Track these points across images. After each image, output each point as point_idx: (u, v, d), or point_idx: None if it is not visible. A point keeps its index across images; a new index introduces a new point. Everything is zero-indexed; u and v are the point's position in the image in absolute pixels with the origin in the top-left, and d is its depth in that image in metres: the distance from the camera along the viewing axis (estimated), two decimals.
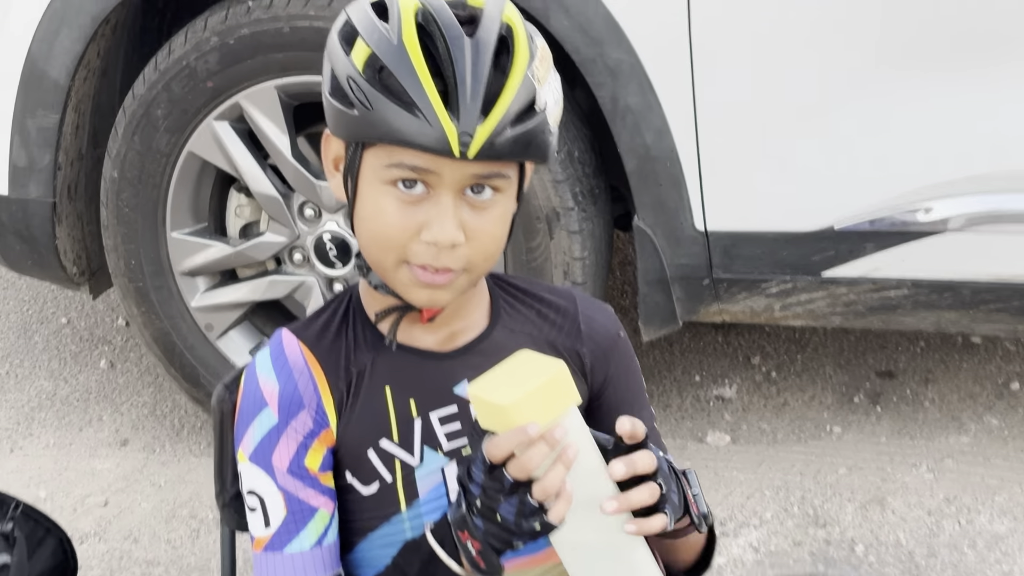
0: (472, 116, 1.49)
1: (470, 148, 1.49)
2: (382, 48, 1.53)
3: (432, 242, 1.55)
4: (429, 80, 1.51)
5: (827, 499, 3.21)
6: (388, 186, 1.56)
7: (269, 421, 1.66)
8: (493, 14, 1.56)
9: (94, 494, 3.41)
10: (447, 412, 1.70)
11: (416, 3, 1.55)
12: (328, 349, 1.69)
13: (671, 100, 2.90)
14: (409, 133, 1.50)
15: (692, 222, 2.98)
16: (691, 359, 3.84)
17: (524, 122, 1.52)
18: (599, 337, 1.79)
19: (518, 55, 1.54)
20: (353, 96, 1.53)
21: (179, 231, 3.29)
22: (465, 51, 1.52)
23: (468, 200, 1.56)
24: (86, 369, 3.98)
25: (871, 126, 2.86)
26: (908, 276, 2.96)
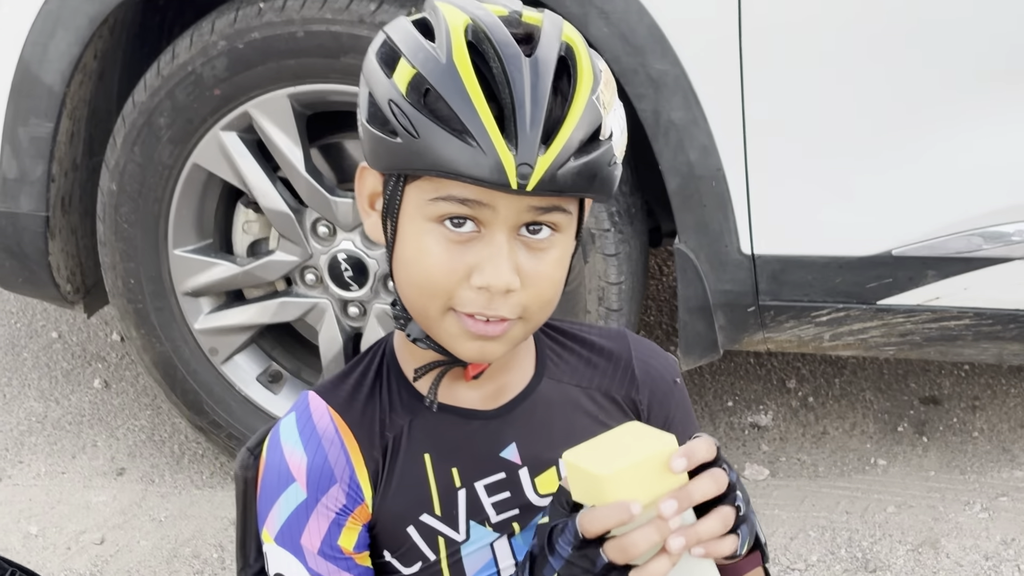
0: (532, 144, 1.31)
1: (530, 180, 1.31)
2: (428, 68, 1.34)
3: (484, 287, 1.35)
4: (483, 103, 1.32)
5: (876, 540, 3.00)
6: (434, 224, 1.36)
7: (297, 497, 1.47)
8: (552, 32, 1.38)
9: (89, 530, 3.18)
10: (494, 480, 1.52)
11: (466, 18, 1.37)
12: (360, 414, 1.50)
13: (718, 115, 2.69)
14: (460, 163, 1.31)
15: (738, 245, 2.77)
16: (722, 382, 3.63)
17: (589, 152, 1.34)
18: (655, 384, 1.61)
19: (582, 78, 1.36)
20: (396, 122, 1.34)
21: (182, 248, 3.07)
22: (523, 71, 1.33)
23: (524, 240, 1.37)
24: (79, 389, 3.76)
25: (935, 146, 2.65)
26: (971, 306, 2.76)
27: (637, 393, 1.59)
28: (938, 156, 2.65)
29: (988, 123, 2.62)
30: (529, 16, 1.39)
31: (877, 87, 2.64)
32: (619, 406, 1.58)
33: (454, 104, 1.32)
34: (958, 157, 2.65)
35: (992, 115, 2.62)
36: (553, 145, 1.32)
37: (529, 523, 1.53)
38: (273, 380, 3.20)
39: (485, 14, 1.37)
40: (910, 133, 2.65)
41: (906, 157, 2.66)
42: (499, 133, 1.31)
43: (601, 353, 1.60)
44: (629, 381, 1.59)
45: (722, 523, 1.29)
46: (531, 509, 1.52)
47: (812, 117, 2.70)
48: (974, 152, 2.64)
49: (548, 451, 1.52)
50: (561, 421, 1.54)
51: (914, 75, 2.62)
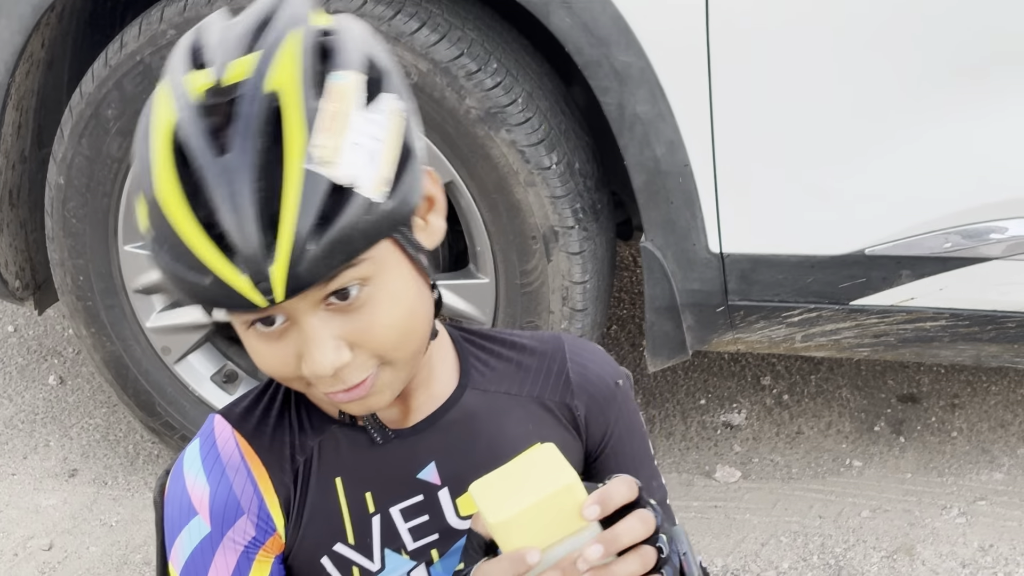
0: (254, 259, 1.15)
1: (275, 293, 1.16)
2: (149, 203, 1.20)
3: (313, 376, 1.23)
4: (197, 234, 1.16)
5: (850, 547, 2.91)
6: (248, 327, 1.24)
7: (200, 531, 1.38)
8: (251, 94, 1.18)
9: (38, 535, 3.09)
10: (411, 503, 1.42)
11: (171, 116, 1.19)
12: (270, 439, 1.40)
13: (685, 109, 2.58)
14: (211, 297, 1.19)
15: (706, 244, 2.67)
16: (695, 380, 3.53)
17: (332, 222, 1.17)
18: (594, 388, 1.50)
19: (288, 142, 1.16)
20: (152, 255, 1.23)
21: (133, 244, 2.96)
22: (220, 178, 1.16)
23: (335, 308, 1.22)
24: (33, 386, 3.66)
25: (909, 143, 2.55)
26: (947, 306, 2.66)
27: (572, 399, 1.48)
28: (912, 152, 2.55)
29: (964, 119, 2.53)
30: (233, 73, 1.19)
31: (849, 82, 2.54)
32: (553, 414, 1.48)
33: (173, 240, 1.17)
34: (933, 154, 2.55)
35: (968, 111, 2.52)
36: (278, 247, 1.15)
37: (449, 550, 1.44)
38: (228, 380, 3.10)
39: (184, 104, 1.19)
40: (883, 129, 2.55)
41: (880, 153, 2.57)
42: (222, 260, 1.16)
43: (532, 356, 1.49)
44: (564, 387, 1.48)
45: (641, 564, 1.20)
46: (452, 534, 1.43)
47: (783, 112, 2.59)
48: (950, 149, 2.55)
49: (471, 469, 1.38)
50: (487, 434, 1.44)
51: (887, 71, 2.52)
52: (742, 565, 2.87)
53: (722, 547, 2.92)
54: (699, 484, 3.14)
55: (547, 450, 1.25)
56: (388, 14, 2.62)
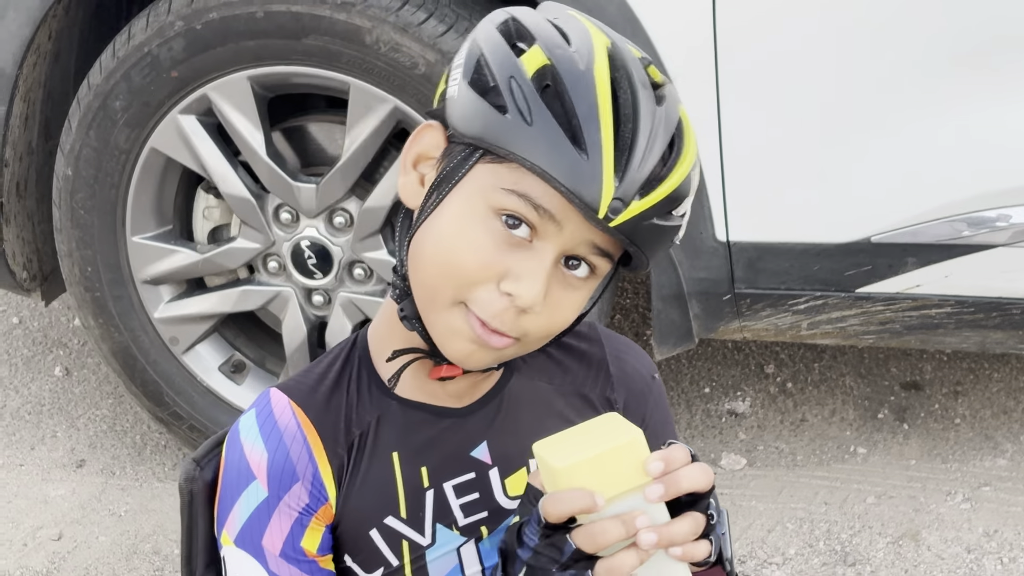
0: (635, 183, 1.27)
1: (617, 216, 1.26)
2: (565, 67, 1.28)
3: (513, 295, 1.28)
4: (610, 122, 1.26)
5: (856, 533, 2.93)
6: (491, 214, 1.29)
7: (258, 496, 1.40)
8: (674, 96, 1.35)
9: (47, 526, 3.09)
10: (463, 480, 1.46)
11: (608, 40, 1.31)
12: (325, 409, 1.43)
13: (692, 99, 2.54)
14: (562, 169, 1.25)
15: (713, 232, 2.68)
16: (699, 368, 3.55)
17: (667, 219, 1.30)
18: (632, 381, 1.57)
19: (687, 151, 1.32)
20: (512, 100, 1.27)
21: (140, 235, 2.97)
22: (651, 115, 1.28)
23: (562, 269, 1.31)
24: (39, 377, 3.66)
25: (915, 131, 2.56)
26: (952, 293, 2.68)
27: (612, 392, 1.54)
28: (918, 140, 2.56)
29: (969, 107, 2.54)
30: (654, 71, 1.35)
31: (856, 70, 2.55)
32: (592, 406, 1.53)
33: (581, 111, 1.26)
34: (939, 141, 2.56)
35: (973, 99, 2.53)
36: (651, 196, 1.27)
37: (497, 527, 1.47)
38: (236, 370, 3.11)
39: (625, 47, 1.33)
40: (889, 117, 2.56)
41: (885, 141, 2.58)
42: (612, 157, 1.25)
43: (573, 352, 1.55)
44: (604, 380, 1.55)
45: (694, 527, 1.25)
46: (500, 513, 1.47)
47: (789, 101, 2.61)
48: (955, 136, 2.56)
49: (518, 451, 1.47)
50: (531, 420, 1.49)
51: (892, 59, 2.53)
52: (749, 551, 2.89)
53: None
54: None
55: (611, 416, 1.31)
56: (396, 5, 2.63)
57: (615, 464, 1.23)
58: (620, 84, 1.28)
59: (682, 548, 1.24)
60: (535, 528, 1.26)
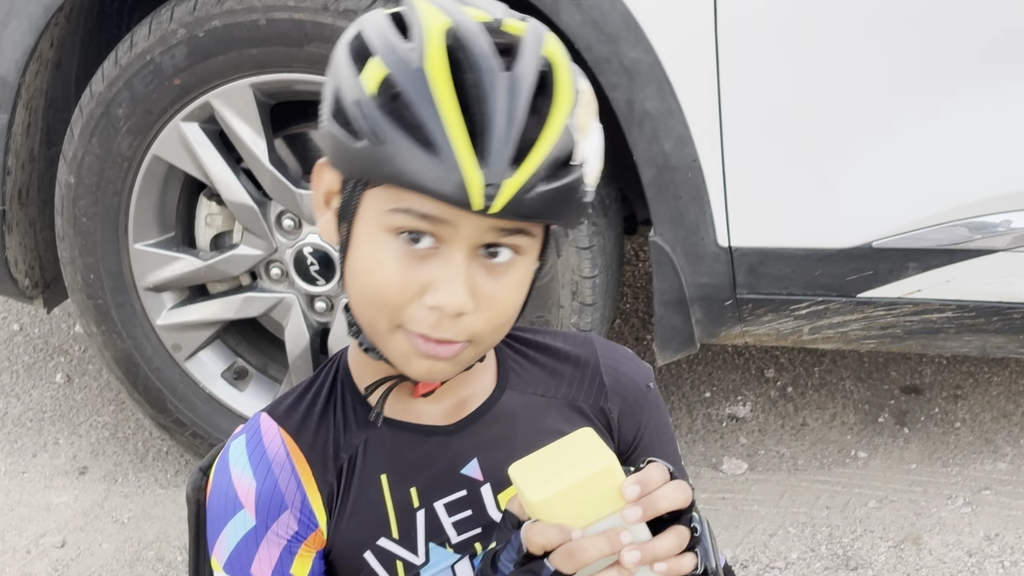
0: (501, 165, 1.23)
1: (495, 202, 1.23)
2: (400, 71, 1.25)
3: (436, 307, 1.28)
4: (455, 115, 1.23)
5: (857, 537, 2.93)
6: (390, 235, 1.28)
7: (245, 525, 1.40)
8: (533, 46, 1.29)
9: (50, 533, 3.10)
10: (455, 498, 1.45)
11: (446, 21, 1.27)
12: (313, 436, 1.43)
13: (694, 105, 2.60)
14: (424, 177, 1.23)
15: (715, 238, 2.69)
16: (700, 372, 3.55)
17: (559, 178, 1.26)
18: (626, 391, 1.55)
19: (559, 98, 1.27)
20: (360, 124, 1.26)
21: (143, 242, 2.98)
22: (499, 87, 1.24)
23: (482, 261, 1.29)
24: (40, 384, 3.67)
25: (915, 136, 2.57)
26: (953, 298, 2.68)
27: (606, 402, 1.53)
28: (919, 146, 2.57)
29: (969, 113, 2.54)
30: (511, 25, 1.30)
31: (857, 76, 2.56)
32: (587, 417, 1.52)
33: (422, 113, 1.24)
34: (940, 147, 2.57)
35: (973, 104, 2.54)
36: (523, 168, 1.24)
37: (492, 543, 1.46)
38: (238, 377, 3.12)
39: (466, 19, 1.28)
40: (890, 122, 2.57)
41: (886, 147, 2.58)
42: (468, 149, 1.23)
43: (567, 361, 1.54)
44: (597, 389, 1.53)
45: (677, 541, 1.25)
46: (494, 528, 1.45)
47: (790, 106, 2.61)
48: (956, 142, 2.56)
49: None
50: (525, 433, 1.47)
51: (894, 64, 2.54)
52: (751, 556, 2.90)
53: (731, 538, 2.94)
54: (706, 476, 3.16)
55: (585, 434, 1.28)
56: None
57: (592, 491, 1.23)
58: (462, 65, 1.25)
59: (667, 564, 1.24)
60: (512, 555, 1.26)
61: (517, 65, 1.26)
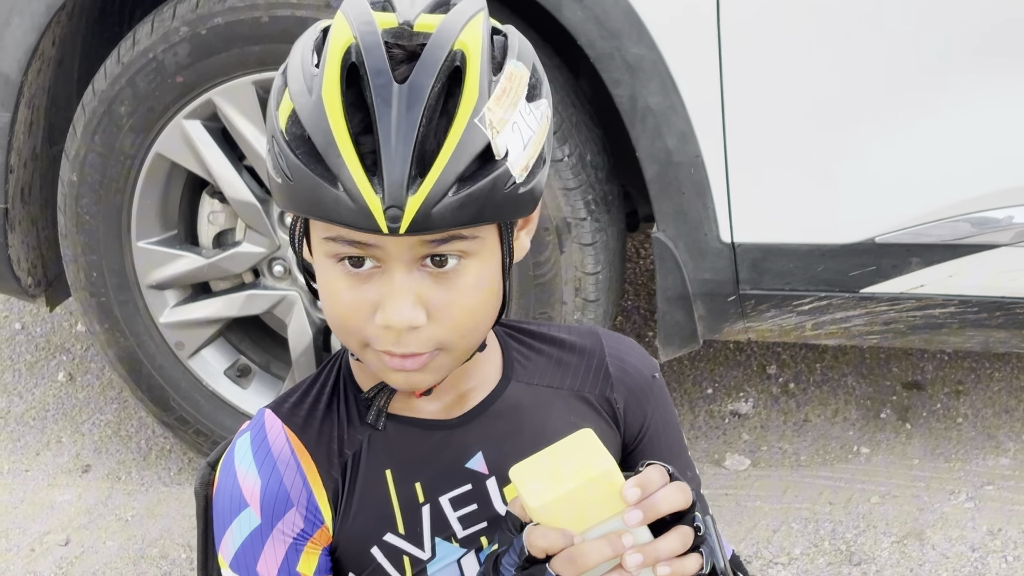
0: (398, 185, 1.21)
1: (400, 223, 1.22)
2: (301, 103, 1.25)
3: (386, 326, 1.28)
4: (347, 143, 1.22)
5: (860, 532, 2.94)
6: (332, 262, 1.28)
7: (251, 523, 1.40)
8: (439, 44, 1.25)
9: (54, 531, 3.10)
10: (460, 492, 1.45)
11: (348, 38, 1.24)
12: (317, 433, 1.43)
13: (696, 101, 2.61)
14: (333, 210, 1.23)
15: (717, 234, 2.69)
16: (702, 369, 3.56)
17: (475, 180, 1.23)
18: (632, 381, 1.54)
19: (465, 97, 1.24)
20: (277, 162, 1.26)
21: (146, 240, 2.98)
22: (393, 102, 1.22)
23: (429, 271, 1.28)
24: (43, 382, 3.67)
25: (919, 131, 2.58)
26: (956, 293, 2.69)
27: (612, 392, 1.52)
28: (922, 141, 2.58)
29: (973, 107, 2.55)
30: (423, 23, 1.27)
31: (860, 71, 2.57)
32: (593, 407, 1.52)
33: (321, 145, 1.23)
34: (943, 142, 2.57)
35: (977, 99, 2.54)
36: (425, 182, 1.21)
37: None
38: (241, 374, 3.12)
39: (369, 31, 1.24)
40: (893, 118, 2.58)
41: (889, 142, 2.59)
42: (363, 175, 1.21)
43: (572, 352, 1.53)
44: (603, 380, 1.52)
45: (681, 542, 1.24)
46: (500, 522, 1.44)
47: (793, 102, 2.62)
48: (959, 137, 2.57)
49: (517, 458, 1.43)
50: (531, 426, 1.47)
51: (896, 59, 2.55)
52: (754, 552, 2.90)
53: (734, 534, 2.94)
54: (709, 472, 3.17)
55: (585, 436, 1.27)
56: None
57: (591, 494, 1.22)
58: (363, 83, 1.23)
59: (670, 566, 1.23)
60: (513, 559, 1.26)
61: (413, 73, 1.23)
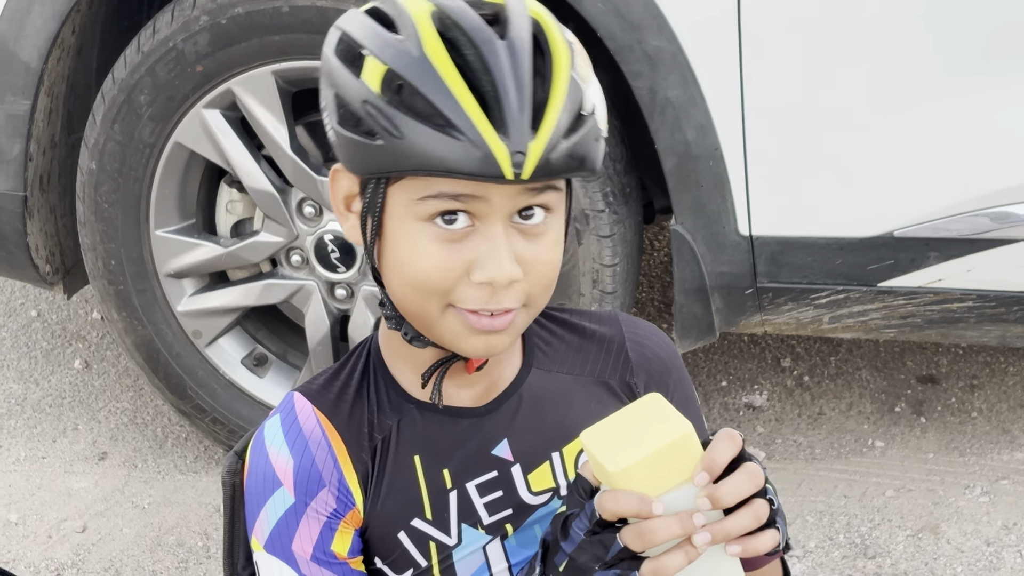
0: (522, 131, 1.25)
1: (524, 168, 1.25)
2: (401, 63, 1.27)
3: (487, 282, 1.29)
4: (467, 94, 1.26)
5: (875, 526, 2.94)
6: (425, 223, 1.30)
7: (285, 502, 1.41)
8: (519, 10, 1.32)
9: (71, 518, 3.11)
10: (486, 479, 1.46)
11: (429, 6, 1.29)
12: (348, 416, 1.44)
13: (716, 93, 2.61)
14: (451, 159, 1.25)
15: (735, 226, 2.69)
16: (716, 361, 3.56)
17: (577, 131, 1.29)
18: (651, 365, 1.55)
19: (558, 55, 1.30)
20: (374, 123, 1.26)
21: (164, 229, 2.99)
22: (500, 56, 1.27)
23: (518, 227, 1.31)
24: (59, 370, 3.68)
25: (939, 125, 2.57)
26: (974, 287, 2.69)
27: (632, 376, 1.53)
28: (941, 135, 2.58)
29: (992, 101, 2.55)
30: None
31: (881, 65, 2.57)
32: (613, 393, 1.53)
33: (435, 98, 1.25)
34: (962, 136, 2.57)
35: (996, 93, 2.54)
36: (543, 129, 1.26)
37: (522, 524, 1.47)
38: (258, 363, 3.13)
39: (446, 0, 1.30)
40: (913, 112, 2.58)
41: (909, 136, 2.59)
42: (488, 123, 1.25)
43: (592, 338, 1.54)
44: (623, 365, 1.54)
45: (754, 518, 1.22)
46: (525, 509, 1.47)
47: (813, 95, 2.62)
48: (978, 130, 2.57)
49: (540, 446, 1.47)
50: (553, 413, 1.49)
51: (918, 53, 2.54)
52: None
53: None
54: None
55: (656, 400, 1.28)
56: None
57: (668, 461, 1.22)
58: (458, 43, 1.27)
59: (740, 544, 1.21)
60: (584, 523, 1.25)
61: (510, 31, 1.28)
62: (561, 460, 1.48)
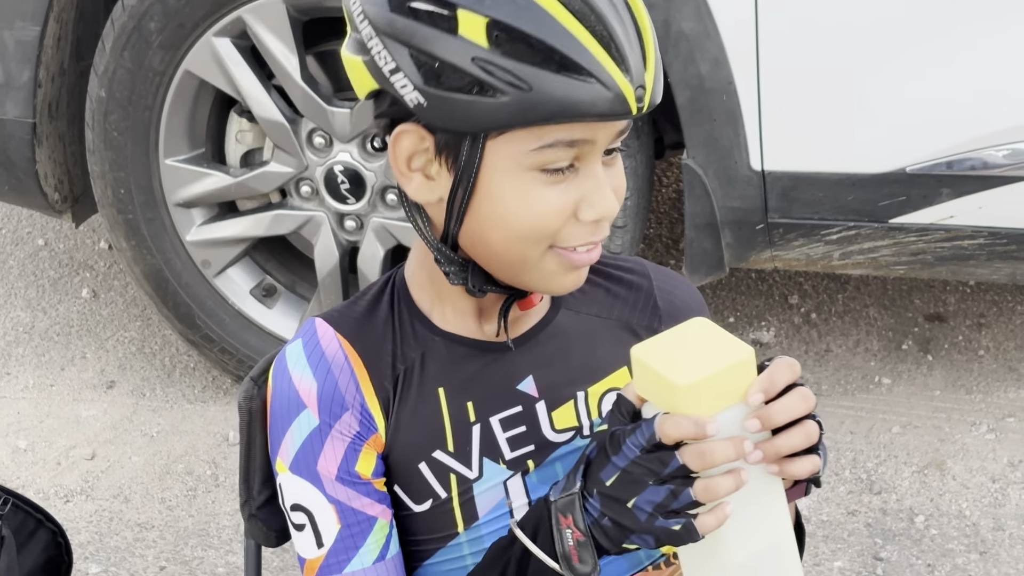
0: (640, 65, 1.28)
1: (644, 101, 1.28)
2: (507, 12, 1.24)
3: (597, 219, 1.32)
4: (590, 38, 1.25)
5: (881, 462, 2.95)
6: (534, 172, 1.29)
7: (309, 424, 1.41)
8: None
9: (80, 445, 3.12)
10: (510, 413, 1.46)
11: None
12: (370, 341, 1.44)
13: (730, 27, 2.60)
14: (585, 103, 1.24)
15: (748, 161, 2.69)
16: (723, 298, 3.56)
17: (661, 63, 1.33)
18: (680, 313, 1.53)
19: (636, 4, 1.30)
20: (494, 79, 1.24)
21: (173, 158, 2.98)
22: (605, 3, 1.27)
23: (604, 162, 1.33)
24: (67, 299, 3.68)
25: (953, 59, 2.56)
26: (985, 225, 2.69)
27: (660, 324, 1.52)
28: (956, 70, 2.57)
29: (1007, 37, 2.54)
30: None
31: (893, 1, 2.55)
32: (639, 338, 1.49)
33: (555, 44, 1.24)
34: (977, 72, 2.56)
35: (1011, 28, 2.53)
36: (649, 61, 1.28)
37: (544, 461, 1.47)
38: (267, 294, 3.13)
39: None
40: (927, 46, 2.56)
41: (923, 72, 2.58)
42: (613, 63, 1.25)
43: (620, 284, 1.55)
44: (651, 312, 1.54)
45: (805, 437, 1.23)
46: (547, 446, 1.47)
47: (827, 29, 2.61)
48: (993, 67, 2.56)
49: (566, 384, 1.47)
50: (580, 352, 1.49)
51: None
52: None
53: None
54: None
55: (704, 323, 1.28)
56: None
57: (729, 381, 1.22)
58: None
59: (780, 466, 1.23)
60: (639, 441, 1.24)
61: None
62: (585, 399, 1.47)
